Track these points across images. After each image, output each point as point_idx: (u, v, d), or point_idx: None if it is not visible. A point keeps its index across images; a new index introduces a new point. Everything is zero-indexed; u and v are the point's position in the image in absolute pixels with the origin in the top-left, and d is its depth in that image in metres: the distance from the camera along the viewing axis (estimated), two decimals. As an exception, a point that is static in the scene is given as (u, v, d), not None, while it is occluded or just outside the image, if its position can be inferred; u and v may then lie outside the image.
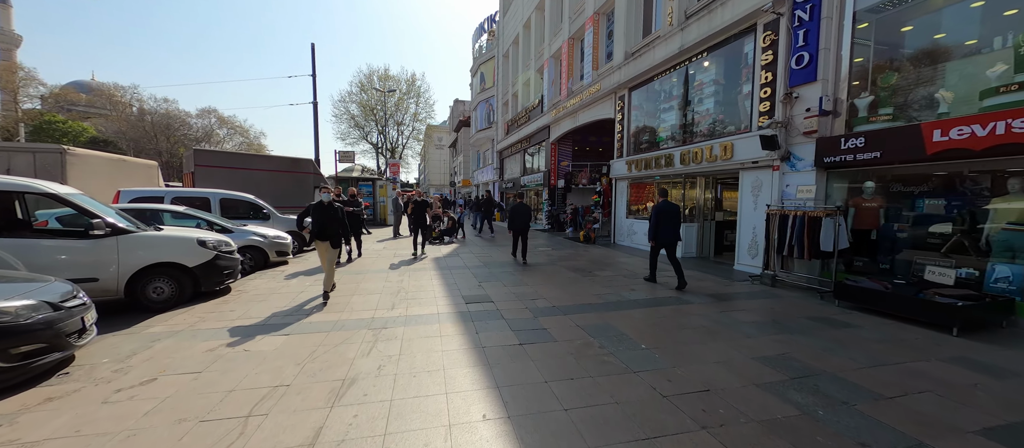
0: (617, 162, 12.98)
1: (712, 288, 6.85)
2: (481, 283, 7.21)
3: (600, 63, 14.48)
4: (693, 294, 6.39)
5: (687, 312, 5.40)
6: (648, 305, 5.76)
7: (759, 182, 7.93)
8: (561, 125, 17.58)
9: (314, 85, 18.91)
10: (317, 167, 14.40)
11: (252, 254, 8.34)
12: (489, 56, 31.02)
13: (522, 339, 4.37)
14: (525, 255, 9.41)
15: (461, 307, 5.61)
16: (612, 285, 7.05)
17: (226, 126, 48.05)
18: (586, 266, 9.01)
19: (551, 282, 7.30)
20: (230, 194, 10.00)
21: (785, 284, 6.93)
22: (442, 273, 8.10)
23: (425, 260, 9.64)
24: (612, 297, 6.20)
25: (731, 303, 5.91)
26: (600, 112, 14.24)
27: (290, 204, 13.60)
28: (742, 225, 8.36)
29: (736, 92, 8.69)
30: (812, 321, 5.02)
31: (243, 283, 7.06)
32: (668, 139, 11.01)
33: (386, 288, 6.72)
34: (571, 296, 6.27)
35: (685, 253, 10.12)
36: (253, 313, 5.19)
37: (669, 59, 10.29)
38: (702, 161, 9.18)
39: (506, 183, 26.64)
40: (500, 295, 6.31)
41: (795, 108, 7.16)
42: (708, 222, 10.32)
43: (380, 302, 5.82)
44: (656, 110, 11.51)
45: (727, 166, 8.63)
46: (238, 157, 12.95)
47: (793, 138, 7.19)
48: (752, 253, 8.09)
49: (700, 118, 9.83)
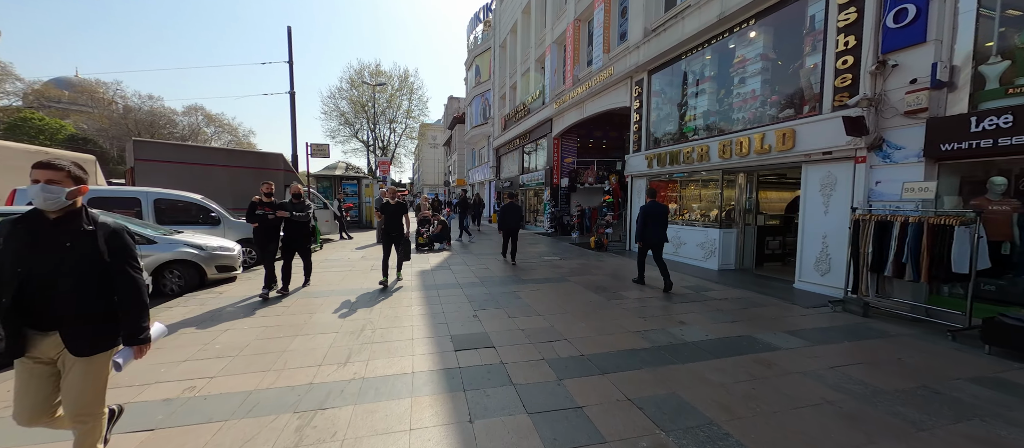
0: (634, 157, 11.24)
1: (785, 319, 5.12)
2: (477, 311, 5.43)
3: (612, 45, 12.75)
4: (768, 332, 4.66)
5: (782, 367, 3.66)
6: (718, 350, 4.01)
7: (832, 178, 6.22)
8: (565, 118, 15.84)
9: (291, 72, 16.95)
10: (288, 163, 12.54)
11: (182, 271, 6.51)
12: (485, 47, 29.21)
13: (547, 434, 2.60)
14: (515, 255, 9.40)
15: (448, 359, 3.83)
16: (650, 313, 5.30)
17: (214, 124, 46.13)
18: (607, 283, 7.26)
19: (568, 308, 5.54)
20: (168, 194, 8.14)
21: (881, 313, 5.21)
22: (426, 295, 6.31)
23: (409, 273, 7.85)
24: (660, 336, 4.45)
25: (830, 347, 4.18)
26: (612, 101, 12.50)
27: (256, 205, 11.76)
28: (806, 233, 6.65)
29: (796, 66, 6.97)
30: (984, 387, 3.29)
31: (156, 314, 5.23)
32: (698, 129, 9.30)
33: (347, 324, 4.91)
34: (601, 333, 4.51)
35: (723, 264, 8.42)
36: (115, 379, 3.37)
37: (703, 31, 8.57)
38: (748, 153, 7.46)
39: (503, 182, 24.85)
40: (503, 332, 4.53)
41: (890, 80, 5.45)
42: (749, 227, 8.61)
43: (331, 351, 4.01)
44: (683, 95, 9.78)
45: (784, 159, 6.91)
46: (190, 150, 11.03)
47: (888, 120, 5.48)
48: (821, 269, 6.38)
49: (743, 102, 8.11)
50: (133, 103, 41.37)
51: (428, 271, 8.33)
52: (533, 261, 9.70)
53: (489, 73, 28.28)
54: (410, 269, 8.45)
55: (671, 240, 9.74)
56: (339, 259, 9.87)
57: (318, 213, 13.32)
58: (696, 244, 9.00)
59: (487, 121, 28.59)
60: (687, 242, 9.30)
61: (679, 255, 9.50)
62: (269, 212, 6.20)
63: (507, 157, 25.08)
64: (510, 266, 8.95)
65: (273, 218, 6.25)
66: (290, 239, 6.44)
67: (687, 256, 9.25)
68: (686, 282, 7.30)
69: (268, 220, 6.21)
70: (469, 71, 33.07)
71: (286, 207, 6.33)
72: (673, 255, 9.67)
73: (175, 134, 43.69)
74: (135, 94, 42.50)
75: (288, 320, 4.98)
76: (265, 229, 6.24)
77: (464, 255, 10.63)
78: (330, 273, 8.07)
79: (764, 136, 7.13)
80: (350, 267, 8.68)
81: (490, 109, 28.07)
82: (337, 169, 18.88)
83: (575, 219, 13.95)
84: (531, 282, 7.32)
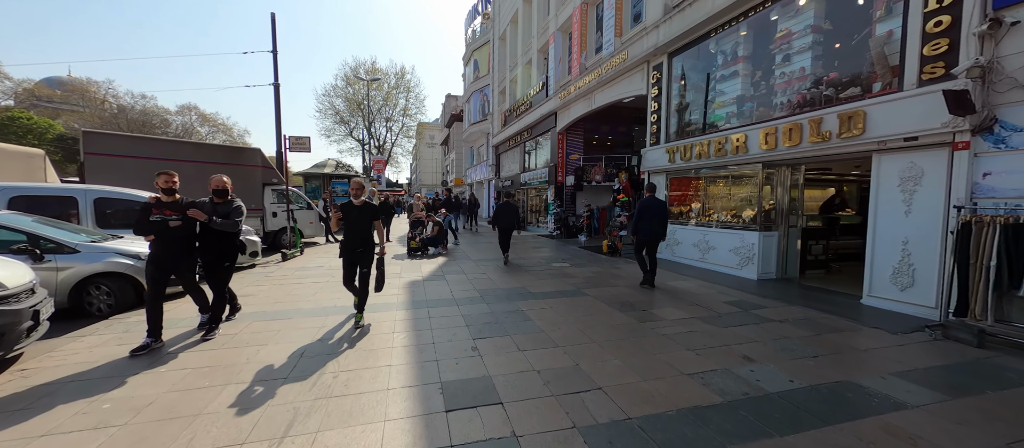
0: (651, 151, 10.04)
1: (880, 353, 3.92)
2: (476, 340, 4.22)
3: (625, 27, 11.55)
4: (872, 375, 3.45)
5: (932, 442, 2.46)
6: (821, 410, 2.80)
7: (916, 170, 5.02)
8: (571, 110, 14.64)
9: (275, 62, 15.74)
10: (266, 159, 11.29)
11: (112, 286, 5.28)
12: (483, 41, 28.01)
13: None
14: (506, 252, 9.21)
15: (435, 428, 2.62)
16: (699, 342, 4.09)
17: (208, 123, 45.03)
18: (631, 296, 6.06)
19: (593, 334, 4.33)
20: (113, 193, 6.91)
21: (1001, 341, 4.01)
22: (414, 316, 5.09)
23: (397, 285, 6.63)
24: (728, 383, 3.24)
25: (971, 401, 2.98)
26: (625, 89, 11.31)
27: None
28: (878, 238, 5.45)
29: (862, 35, 5.78)
30: None
31: (60, 345, 4.00)
32: (730, 117, 8.10)
33: (302, 364, 3.69)
34: (646, 377, 3.31)
35: (763, 273, 7.23)
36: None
37: (737, 3, 7.39)
38: (800, 142, 6.27)
39: (503, 181, 23.63)
40: (512, 377, 3.32)
41: (1006, 43, 4.26)
42: (793, 230, 7.41)
43: (267, 415, 2.79)
44: (710, 79, 8.59)
45: (848, 148, 5.71)
46: (150, 144, 9.74)
47: (1002, 94, 4.29)
48: (900, 282, 5.18)
49: (787, 83, 6.92)
50: (126, 102, 40.66)
51: (419, 282, 7.12)
52: (540, 268, 8.50)
53: (488, 67, 27.09)
54: (398, 280, 7.23)
55: (698, 245, 8.64)
56: (319, 267, 8.65)
57: (301, 215, 12.10)
58: (729, 249, 7.80)
59: (486, 118, 27.38)
60: (717, 247, 8.10)
61: (707, 262, 8.31)
62: (172, 216, 4.01)
63: (507, 155, 23.88)
64: (513, 275, 7.74)
65: (177, 224, 4.03)
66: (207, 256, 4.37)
67: (718, 263, 8.05)
68: (726, 295, 6.10)
69: (169, 229, 4.00)
70: (467, 66, 31.87)
71: (204, 208, 4.18)
72: (700, 262, 8.49)
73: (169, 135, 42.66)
74: (127, 93, 41.94)
75: (226, 358, 3.75)
76: (165, 242, 4.03)
77: (462, 262, 9.41)
78: (303, 286, 6.84)
79: (822, 121, 5.93)
80: (329, 277, 7.46)
81: (489, 105, 26.86)
82: (326, 167, 17.65)
83: (584, 220, 12.73)
84: (541, 296, 6.11)
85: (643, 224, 6.57)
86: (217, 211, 4.27)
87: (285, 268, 8.51)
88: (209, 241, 4.33)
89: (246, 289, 6.45)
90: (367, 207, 4.62)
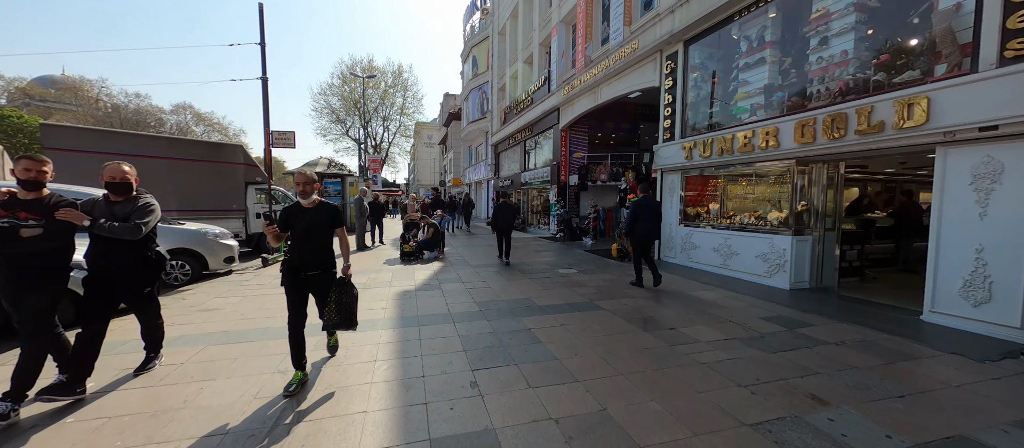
0: (665, 147, 9.28)
1: (972, 390, 3.15)
2: (476, 371, 3.44)
3: (635, 15, 10.80)
4: (980, 424, 2.69)
5: None
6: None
7: (995, 165, 4.27)
8: (575, 105, 13.88)
9: (263, 55, 14.89)
10: (249, 156, 10.50)
11: (45, 301, 4.45)
12: (482, 37, 27.26)
13: None
14: (508, 254, 9.20)
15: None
16: (749, 375, 3.31)
17: (203, 122, 44.24)
18: (654, 310, 5.29)
19: (617, 362, 3.56)
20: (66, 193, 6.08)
21: (1121, 376, 3.26)
22: (403, 336, 4.31)
23: (387, 295, 5.85)
24: (805, 439, 2.47)
25: None
26: (635, 81, 10.55)
27: (209, 208, 9.74)
28: (944, 244, 4.69)
29: (922, 9, 5.03)
30: None
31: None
32: (755, 108, 7.35)
33: (255, 407, 2.91)
34: (696, 430, 2.53)
35: (796, 282, 6.47)
36: None
37: (767, -19, 6.65)
38: (845, 134, 5.51)
39: (503, 181, 22.86)
40: (522, 430, 2.54)
41: (1121, 10, 3.51)
42: (829, 234, 6.65)
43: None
44: (732, 68, 7.84)
45: (905, 140, 4.95)
46: (118, 138, 8.92)
47: (1115, 72, 3.54)
48: (973, 297, 4.42)
49: (825, 68, 6.17)
50: (120, 101, 40.05)
51: (411, 293, 6.33)
52: (545, 274, 7.73)
53: (487, 64, 26.33)
54: (387, 289, 6.45)
55: (718, 249, 7.87)
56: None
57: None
58: (756, 255, 7.04)
59: (485, 116, 26.62)
60: (742, 252, 7.34)
61: (729, 268, 7.55)
62: (27, 219, 2.66)
63: (506, 154, 23.11)
64: (516, 283, 6.97)
65: (32, 232, 2.67)
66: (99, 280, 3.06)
67: (742, 270, 7.29)
68: (761, 309, 5.34)
69: (19, 239, 2.65)
70: (465, 63, 31.12)
71: (87, 208, 2.96)
72: (721, 268, 7.73)
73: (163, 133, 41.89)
74: (121, 91, 41.47)
75: (157, 401, 2.96)
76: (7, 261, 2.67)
77: (459, 268, 8.63)
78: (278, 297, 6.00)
79: (873, 110, 5.17)
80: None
81: (488, 103, 26.10)
82: (318, 165, 16.86)
83: (590, 222, 11.96)
84: (549, 310, 5.34)
85: (639, 226, 6.51)
86: (113, 213, 3.04)
87: (263, 275, 7.71)
88: (109, 259, 3.05)
89: (212, 302, 5.66)
90: (323, 208, 3.21)
